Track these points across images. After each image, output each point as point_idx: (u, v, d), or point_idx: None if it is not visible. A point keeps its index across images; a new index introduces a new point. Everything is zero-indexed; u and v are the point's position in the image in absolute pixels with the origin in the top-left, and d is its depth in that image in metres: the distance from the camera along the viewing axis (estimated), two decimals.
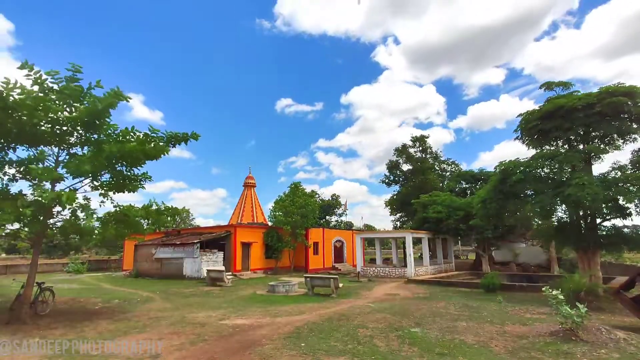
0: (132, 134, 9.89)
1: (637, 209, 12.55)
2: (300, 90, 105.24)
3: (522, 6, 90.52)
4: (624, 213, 12.77)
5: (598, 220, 13.68)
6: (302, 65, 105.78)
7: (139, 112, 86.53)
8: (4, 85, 8.30)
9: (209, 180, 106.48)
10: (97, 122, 9.60)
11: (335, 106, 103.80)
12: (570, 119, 13.05)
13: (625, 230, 13.44)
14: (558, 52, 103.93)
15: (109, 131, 10.05)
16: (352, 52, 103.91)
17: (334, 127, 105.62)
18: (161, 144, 10.25)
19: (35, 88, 9.04)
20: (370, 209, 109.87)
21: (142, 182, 10.92)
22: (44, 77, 9.20)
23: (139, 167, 10.67)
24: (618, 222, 13.56)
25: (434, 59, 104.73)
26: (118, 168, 10.40)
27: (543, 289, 8.34)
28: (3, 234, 9.06)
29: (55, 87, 9.39)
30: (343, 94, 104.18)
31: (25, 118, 8.64)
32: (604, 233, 13.69)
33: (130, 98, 9.76)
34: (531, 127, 14.18)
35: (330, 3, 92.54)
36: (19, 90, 8.49)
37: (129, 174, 10.61)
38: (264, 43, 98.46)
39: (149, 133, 10.09)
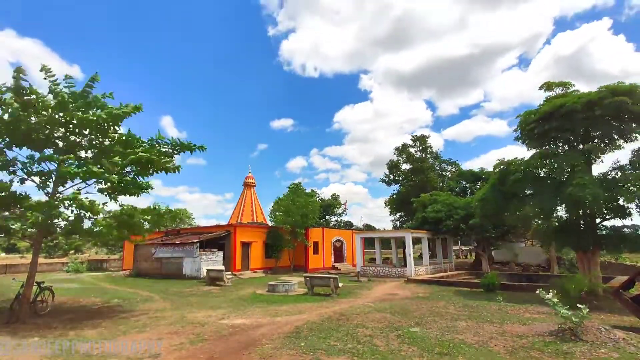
0: (138, 140, 10.05)
1: (638, 209, 12.55)
2: (301, 114, 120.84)
3: (485, 45, 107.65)
4: (624, 213, 12.76)
5: (598, 220, 13.68)
6: (304, 94, 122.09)
7: (170, 133, 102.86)
8: (29, 86, 8.47)
9: (219, 185, 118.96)
10: (106, 128, 9.74)
11: (332, 123, 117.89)
12: (570, 119, 13.02)
13: (625, 230, 13.45)
14: (511, 83, 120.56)
15: (115, 136, 10.22)
16: (344, 82, 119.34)
17: (331, 139, 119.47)
18: (166, 150, 10.42)
19: (50, 95, 9.22)
20: (367, 210, 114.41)
21: (144, 190, 10.96)
22: (59, 81, 9.49)
23: (146, 176, 10.73)
24: (618, 222, 13.58)
25: (416, 85, 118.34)
26: (124, 174, 10.46)
27: (537, 291, 8.32)
28: (19, 231, 9.17)
29: (66, 91, 9.51)
30: (337, 113, 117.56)
31: (38, 119, 8.74)
32: (604, 233, 13.69)
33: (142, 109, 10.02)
34: (530, 128, 14.17)
35: (323, 48, 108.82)
36: (39, 92, 8.71)
37: (134, 180, 10.66)
38: (271, 79, 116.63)
39: (154, 138, 10.19)
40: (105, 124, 9.71)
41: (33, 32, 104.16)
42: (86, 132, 9.86)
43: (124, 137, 10.20)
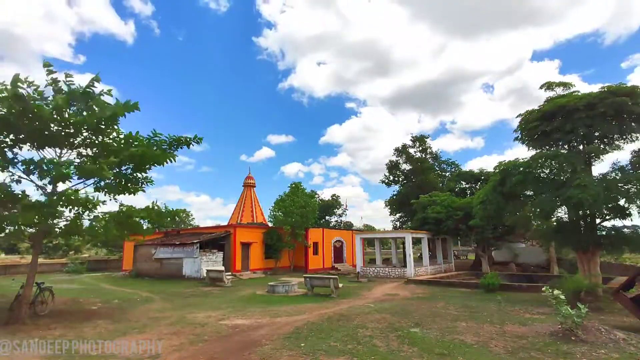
0: (136, 138, 10.03)
1: (638, 210, 12.53)
2: (298, 131, 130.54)
3: (458, 69, 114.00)
4: (624, 213, 12.75)
5: (598, 221, 13.66)
6: (300, 117, 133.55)
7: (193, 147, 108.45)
8: (27, 90, 8.51)
9: (226, 189, 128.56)
10: (103, 127, 9.74)
11: (327, 138, 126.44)
12: (571, 120, 13.02)
13: (625, 230, 13.43)
14: (479, 107, 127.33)
15: (113, 135, 10.20)
16: (334, 105, 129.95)
17: (326, 151, 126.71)
18: (164, 147, 10.37)
19: (50, 89, 9.25)
20: (363, 212, 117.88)
21: (143, 186, 10.94)
22: (60, 79, 9.55)
23: (144, 172, 10.70)
24: (618, 222, 13.56)
25: (401, 104, 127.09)
26: (123, 171, 10.44)
27: (543, 288, 8.34)
28: (5, 232, 9.13)
29: (65, 88, 9.52)
30: (330, 129, 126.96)
31: (37, 123, 8.76)
32: (604, 233, 13.68)
33: (139, 109, 9.94)
34: (531, 128, 14.16)
35: (316, 81, 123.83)
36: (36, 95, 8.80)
37: (131, 177, 10.64)
38: (273, 108, 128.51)
39: (151, 136, 10.18)
40: (103, 125, 9.71)
41: (87, 68, 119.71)
42: (84, 131, 9.87)
43: (122, 135, 10.22)
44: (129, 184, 10.64)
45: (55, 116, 8.91)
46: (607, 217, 13.42)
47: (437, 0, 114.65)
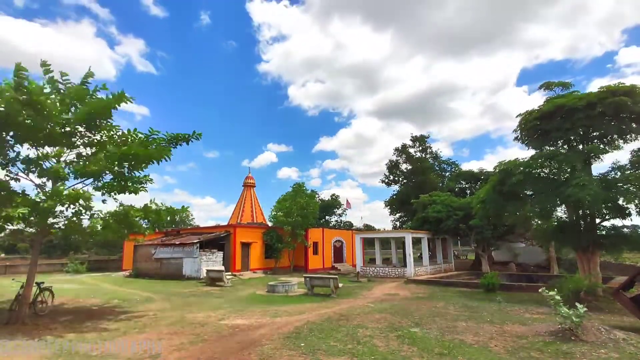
0: (134, 135, 10.00)
1: (637, 209, 12.55)
2: (295, 142, 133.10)
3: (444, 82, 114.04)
4: (623, 213, 12.77)
5: (597, 220, 13.68)
6: (298, 129, 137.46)
7: (202, 151, 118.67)
8: (29, 84, 8.48)
9: (230, 192, 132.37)
10: (97, 123, 9.71)
11: (321, 146, 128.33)
12: (570, 120, 13.04)
13: (625, 230, 13.44)
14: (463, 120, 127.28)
15: (112, 132, 10.19)
16: (328, 117, 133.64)
17: (322, 156, 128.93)
18: (162, 144, 10.35)
19: (47, 89, 9.25)
20: (362, 212, 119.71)
21: (143, 185, 10.94)
22: (56, 77, 9.53)
23: (141, 170, 10.69)
24: (617, 222, 13.57)
25: (391, 116, 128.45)
26: (120, 170, 10.44)
27: (540, 289, 8.34)
28: (7, 230, 9.12)
29: (62, 87, 9.53)
30: (325, 138, 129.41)
31: (38, 117, 8.75)
32: (604, 233, 13.69)
33: (133, 98, 9.96)
34: (530, 127, 14.17)
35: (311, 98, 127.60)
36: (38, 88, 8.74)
37: (130, 176, 10.64)
38: (272, 122, 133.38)
39: (149, 134, 10.18)
40: (97, 119, 9.70)
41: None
42: (80, 128, 9.86)
43: (119, 132, 10.24)
44: (128, 183, 10.63)
45: (53, 112, 8.87)
46: (607, 217, 13.44)
47: (423, 21, 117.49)
